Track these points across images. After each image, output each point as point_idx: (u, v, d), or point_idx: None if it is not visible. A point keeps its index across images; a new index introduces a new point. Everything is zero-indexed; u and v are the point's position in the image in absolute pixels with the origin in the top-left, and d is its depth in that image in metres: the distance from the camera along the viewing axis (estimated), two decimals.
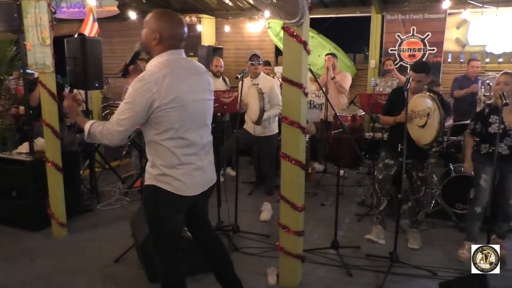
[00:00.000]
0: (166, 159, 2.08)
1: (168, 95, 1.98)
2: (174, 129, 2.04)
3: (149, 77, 1.97)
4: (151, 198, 2.16)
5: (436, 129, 3.20)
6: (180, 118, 2.04)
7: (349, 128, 5.22)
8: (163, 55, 2.09)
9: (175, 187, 2.10)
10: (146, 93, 1.95)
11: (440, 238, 3.98)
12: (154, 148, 2.10)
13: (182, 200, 2.14)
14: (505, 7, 6.36)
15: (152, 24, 2.09)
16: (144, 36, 2.13)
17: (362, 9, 7.27)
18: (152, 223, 2.20)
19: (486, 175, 3.44)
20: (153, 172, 2.12)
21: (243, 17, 8.07)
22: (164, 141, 2.06)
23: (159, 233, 2.20)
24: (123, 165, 6.46)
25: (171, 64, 2.06)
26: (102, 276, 3.26)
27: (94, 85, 4.72)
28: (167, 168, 2.08)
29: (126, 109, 1.98)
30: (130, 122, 1.99)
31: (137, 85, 1.96)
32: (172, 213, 2.17)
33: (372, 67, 7.18)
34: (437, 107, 3.20)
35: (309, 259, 3.40)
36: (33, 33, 3.74)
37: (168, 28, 2.09)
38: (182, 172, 2.11)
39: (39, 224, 4.08)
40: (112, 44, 8.98)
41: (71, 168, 4.30)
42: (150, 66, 2.07)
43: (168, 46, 2.09)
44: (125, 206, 4.82)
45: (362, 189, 5.47)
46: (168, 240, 2.21)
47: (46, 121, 3.82)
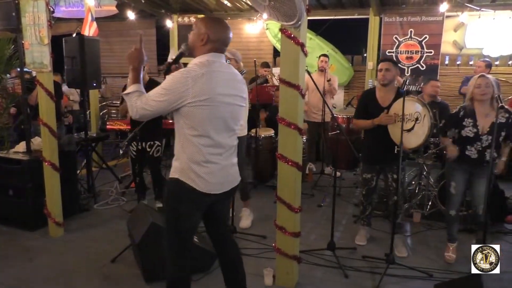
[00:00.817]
0: (192, 154, 2.15)
1: (202, 93, 2.07)
2: (203, 126, 2.12)
3: (188, 72, 2.07)
4: (173, 193, 2.22)
5: (425, 134, 3.21)
6: (210, 118, 2.12)
7: (346, 129, 5.23)
8: (205, 56, 2.19)
9: (197, 184, 2.16)
10: (182, 86, 2.04)
11: (436, 240, 4.00)
12: (183, 142, 2.17)
13: (203, 197, 2.20)
14: (502, 10, 6.39)
15: (202, 26, 2.20)
16: (192, 37, 2.24)
17: (360, 11, 7.30)
18: (170, 219, 2.25)
19: (455, 183, 3.49)
20: (178, 165, 2.19)
21: (242, 18, 8.08)
22: (193, 137, 2.13)
23: (175, 229, 2.25)
24: (120, 164, 6.46)
25: (211, 65, 2.15)
26: (99, 276, 3.26)
27: (92, 84, 4.73)
28: (192, 163, 2.15)
29: (161, 93, 2.06)
30: (158, 107, 2.07)
31: (177, 75, 2.07)
32: (191, 209, 2.23)
33: (370, 68, 7.19)
34: (427, 112, 3.19)
35: (305, 260, 3.41)
36: (31, 32, 3.74)
37: (216, 31, 2.20)
38: (206, 170, 2.16)
39: (36, 223, 4.07)
40: (111, 43, 8.98)
41: (68, 167, 4.30)
42: (191, 64, 2.16)
43: (212, 48, 2.20)
44: (122, 206, 4.82)
45: (359, 191, 5.49)
46: (182, 238, 2.27)
47: (44, 121, 3.82)
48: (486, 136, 3.29)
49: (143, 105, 2.08)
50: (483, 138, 3.31)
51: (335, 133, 4.28)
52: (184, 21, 7.91)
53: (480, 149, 3.32)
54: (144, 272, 3.17)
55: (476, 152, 3.34)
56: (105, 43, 8.01)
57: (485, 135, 3.30)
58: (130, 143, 4.34)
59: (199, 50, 2.21)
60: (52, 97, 3.82)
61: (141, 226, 3.13)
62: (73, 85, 4.91)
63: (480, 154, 3.33)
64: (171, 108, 2.09)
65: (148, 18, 8.57)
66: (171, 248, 2.27)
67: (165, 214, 2.30)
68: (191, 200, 2.19)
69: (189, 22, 7.89)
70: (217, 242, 2.54)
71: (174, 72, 2.10)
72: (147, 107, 2.07)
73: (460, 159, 3.41)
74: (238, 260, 2.56)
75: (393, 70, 3.55)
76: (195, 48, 2.23)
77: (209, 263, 3.33)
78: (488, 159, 3.25)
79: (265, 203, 4.87)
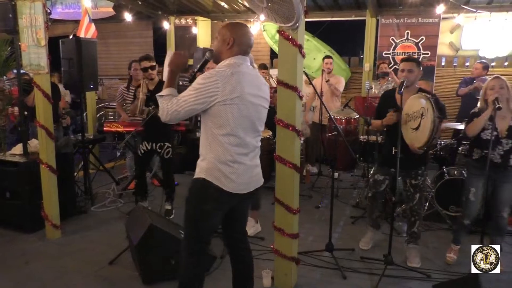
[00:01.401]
0: (220, 154, 2.18)
1: (231, 92, 2.12)
2: (232, 125, 2.16)
3: (218, 72, 2.13)
4: (198, 191, 2.24)
5: (429, 129, 3.07)
6: (238, 116, 2.17)
7: (344, 131, 5.24)
8: (232, 58, 2.25)
9: (223, 184, 2.19)
10: (212, 85, 2.09)
11: (434, 241, 4.01)
12: (210, 142, 2.20)
13: (229, 197, 2.23)
14: (498, 12, 6.43)
15: (227, 31, 2.27)
16: (217, 43, 2.31)
17: (357, 13, 7.32)
18: (192, 217, 2.28)
19: (475, 189, 3.39)
20: (204, 165, 2.22)
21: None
22: (222, 136, 2.17)
23: (195, 228, 2.28)
24: (117, 166, 6.45)
25: (239, 66, 2.22)
26: (96, 278, 3.25)
27: (89, 86, 4.71)
28: (219, 163, 2.18)
29: (192, 94, 2.10)
30: (189, 107, 2.11)
31: (206, 76, 2.12)
32: (215, 209, 2.26)
33: (367, 70, 7.23)
34: (430, 106, 3.09)
35: (303, 261, 3.41)
36: (28, 33, 3.73)
37: (240, 34, 2.27)
38: (232, 170, 2.20)
39: (33, 226, 4.06)
40: (108, 45, 8.96)
41: (65, 169, 4.28)
42: (220, 66, 2.23)
43: (238, 51, 2.26)
44: (119, 208, 4.80)
45: (356, 192, 5.50)
46: (200, 236, 2.29)
47: (41, 123, 3.80)
48: (506, 139, 3.21)
49: (174, 107, 2.11)
50: (503, 142, 3.21)
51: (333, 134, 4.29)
52: (181, 23, 7.90)
53: (502, 153, 3.21)
54: (142, 274, 3.16)
55: (499, 156, 3.23)
56: (102, 45, 7.98)
57: (504, 139, 3.21)
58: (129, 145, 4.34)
59: (225, 54, 2.27)
60: (49, 99, 3.81)
61: (140, 228, 3.12)
62: (70, 87, 4.89)
63: (504, 158, 3.23)
64: (201, 108, 2.13)
65: (145, 20, 8.57)
66: (189, 245, 2.30)
67: (187, 215, 2.30)
68: (216, 199, 2.22)
69: (186, 24, 7.89)
70: (233, 245, 2.55)
71: (203, 74, 2.15)
72: (179, 108, 2.11)
73: (482, 164, 3.24)
74: (251, 266, 2.58)
75: (416, 71, 3.36)
76: (221, 52, 2.29)
77: (208, 265, 3.32)
78: (511, 164, 3.21)
79: (263, 205, 4.85)
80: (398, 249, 3.72)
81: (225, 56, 2.27)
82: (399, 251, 3.70)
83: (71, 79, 4.57)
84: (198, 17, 7.85)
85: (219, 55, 2.30)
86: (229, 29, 2.28)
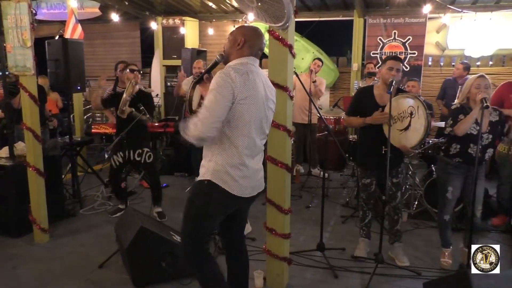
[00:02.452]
0: (230, 156, 2.15)
1: (247, 90, 2.10)
2: (245, 126, 2.14)
3: (232, 69, 2.11)
4: (203, 193, 2.20)
5: (423, 126, 3.06)
6: (251, 116, 2.14)
7: (333, 130, 5.26)
8: (243, 58, 2.22)
9: (230, 187, 2.16)
10: (229, 82, 2.05)
11: (423, 239, 4.05)
12: (220, 144, 2.15)
13: (233, 200, 2.21)
14: (483, 12, 6.53)
15: (238, 33, 2.26)
16: (228, 44, 2.28)
17: (344, 13, 7.37)
18: (193, 218, 2.24)
19: (452, 188, 3.38)
20: (211, 167, 2.17)
21: (227, 20, 8.07)
22: (234, 137, 2.14)
23: (195, 229, 2.24)
24: (105, 169, 6.36)
25: (250, 66, 2.21)
26: (86, 282, 3.20)
27: (76, 87, 4.65)
28: (228, 165, 2.15)
29: (213, 100, 2.04)
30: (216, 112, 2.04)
31: (219, 77, 2.07)
32: (218, 211, 2.24)
33: (355, 70, 7.27)
34: (420, 103, 3.10)
35: (295, 261, 3.41)
36: (13, 35, 3.67)
37: (252, 36, 2.25)
38: (240, 174, 2.17)
39: (20, 230, 3.99)
40: (94, 46, 8.87)
41: (53, 172, 4.22)
42: (232, 64, 2.19)
43: (249, 52, 2.24)
44: (108, 211, 4.75)
45: (346, 191, 5.53)
46: (200, 238, 2.26)
47: (27, 125, 3.74)
48: (486, 134, 3.25)
49: (201, 122, 2.03)
50: (483, 136, 3.25)
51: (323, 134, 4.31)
52: (168, 23, 7.85)
53: (480, 147, 3.21)
54: (133, 277, 3.12)
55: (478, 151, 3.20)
56: (88, 46, 7.88)
57: (485, 133, 3.25)
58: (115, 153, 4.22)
59: (235, 54, 2.24)
60: (36, 101, 3.75)
61: (130, 231, 3.09)
62: (57, 89, 4.82)
63: (481, 153, 3.25)
64: (227, 110, 2.07)
65: (132, 20, 8.49)
66: (187, 245, 2.27)
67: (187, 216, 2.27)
68: (221, 202, 2.20)
69: (174, 24, 7.84)
70: (231, 247, 2.54)
71: (215, 78, 2.09)
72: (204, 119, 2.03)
73: (463, 158, 3.29)
74: (248, 268, 2.57)
75: (401, 71, 3.37)
76: (231, 53, 2.26)
77: None
78: (487, 158, 3.27)
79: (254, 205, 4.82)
80: (388, 247, 3.75)
81: (234, 57, 2.25)
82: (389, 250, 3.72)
83: (58, 81, 4.51)
84: (186, 18, 7.81)
85: (229, 56, 2.27)
86: (241, 31, 2.28)
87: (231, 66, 2.18)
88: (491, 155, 3.38)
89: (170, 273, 3.09)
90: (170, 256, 3.10)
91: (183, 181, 5.99)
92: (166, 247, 3.10)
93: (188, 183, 5.78)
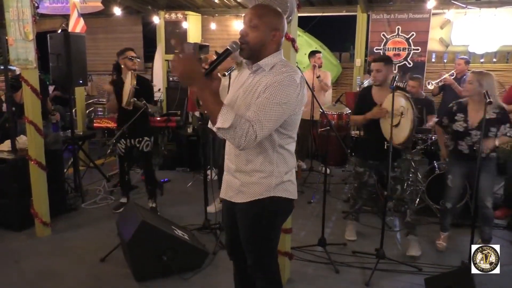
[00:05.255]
0: (286, 163, 1.97)
1: (305, 96, 1.91)
2: (294, 130, 1.97)
3: (296, 75, 1.83)
4: (267, 211, 1.96)
5: (409, 128, 3.21)
6: (299, 119, 1.97)
7: (335, 126, 5.24)
8: (279, 54, 1.94)
9: (291, 192, 2.02)
10: (297, 94, 1.82)
11: (425, 235, 4.03)
12: (274, 156, 1.91)
13: (293, 205, 2.09)
14: (488, 8, 6.47)
15: (274, 18, 1.89)
16: (261, 29, 1.85)
17: (348, 8, 7.32)
18: (266, 237, 2.03)
19: (451, 176, 3.62)
20: (273, 182, 1.92)
21: (229, 15, 8.03)
22: (288, 144, 1.95)
23: (270, 245, 2.07)
24: (107, 163, 6.38)
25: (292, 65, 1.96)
26: (88, 276, 3.21)
27: (78, 82, 4.65)
28: (285, 174, 1.97)
29: (278, 110, 1.75)
30: (275, 125, 1.79)
31: (285, 84, 1.78)
32: (281, 223, 2.11)
33: (358, 65, 7.23)
34: (410, 106, 3.22)
35: (296, 256, 3.40)
36: (15, 27, 3.65)
37: (284, 27, 1.94)
38: (294, 175, 2.06)
39: (22, 224, 3.99)
40: (96, 40, 8.84)
41: (55, 166, 4.22)
42: (286, 66, 1.87)
43: (279, 46, 1.94)
44: (110, 205, 4.75)
45: (348, 187, 5.52)
46: (275, 254, 2.13)
47: (29, 119, 3.74)
48: (475, 131, 3.34)
49: (260, 133, 1.72)
50: (472, 133, 3.36)
51: (325, 130, 4.30)
52: (171, 18, 7.82)
53: (471, 143, 3.38)
54: (134, 271, 3.13)
55: (467, 147, 3.41)
56: (90, 40, 7.86)
57: (474, 130, 3.35)
58: (118, 141, 4.28)
59: (269, 47, 1.89)
60: (38, 95, 3.74)
61: (131, 225, 3.09)
62: (59, 83, 4.81)
63: (471, 149, 3.39)
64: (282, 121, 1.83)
65: (135, 15, 8.46)
66: (270, 268, 2.11)
67: (258, 238, 2.03)
68: (286, 211, 2.10)
69: (176, 19, 7.81)
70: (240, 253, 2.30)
71: (283, 81, 1.78)
72: (264, 132, 1.74)
73: (455, 154, 3.52)
74: None
75: (384, 70, 3.51)
76: (264, 44, 1.87)
77: (201, 261, 3.31)
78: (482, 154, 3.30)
79: None
80: (390, 243, 3.76)
81: (268, 51, 1.89)
82: (391, 245, 3.73)
83: (60, 75, 4.50)
84: (188, 12, 7.78)
85: (260, 47, 1.87)
86: (276, 18, 1.88)
87: (287, 68, 1.84)
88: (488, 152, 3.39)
89: (171, 268, 3.09)
90: (171, 251, 3.10)
91: (185, 176, 6.00)
92: (167, 241, 3.10)
93: (190, 177, 5.79)
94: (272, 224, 2.02)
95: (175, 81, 7.87)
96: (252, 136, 1.69)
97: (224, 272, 3.20)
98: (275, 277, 2.15)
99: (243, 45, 1.86)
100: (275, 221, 2.03)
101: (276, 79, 1.79)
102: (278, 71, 1.85)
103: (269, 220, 2.00)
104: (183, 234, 3.31)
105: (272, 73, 1.86)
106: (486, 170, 3.40)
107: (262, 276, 2.11)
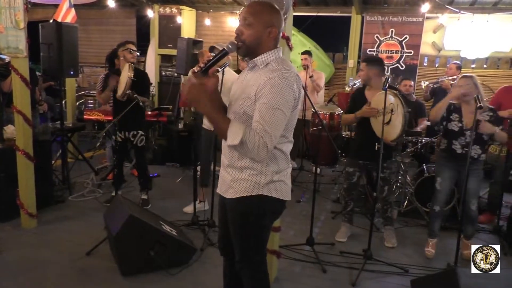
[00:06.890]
0: (277, 163, 1.95)
1: (300, 94, 1.91)
2: (291, 130, 1.96)
3: (289, 74, 1.82)
4: (255, 208, 1.97)
5: (401, 123, 3.28)
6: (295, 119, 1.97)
7: (327, 126, 5.26)
8: (278, 52, 1.92)
9: (282, 192, 2.00)
10: (292, 93, 1.82)
11: (412, 237, 4.07)
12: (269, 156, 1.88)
13: (283, 206, 2.07)
14: (481, 14, 6.54)
15: (269, 15, 1.87)
16: (255, 27, 1.85)
17: (342, 9, 7.34)
18: (253, 234, 2.03)
19: (440, 179, 3.62)
20: (262, 180, 1.92)
21: (224, 11, 8.00)
22: (281, 144, 1.93)
23: (256, 243, 2.06)
24: (96, 156, 6.31)
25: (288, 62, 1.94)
26: (73, 269, 3.17)
27: (69, 72, 4.58)
28: (277, 173, 1.96)
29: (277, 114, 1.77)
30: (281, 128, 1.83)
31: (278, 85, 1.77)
32: (271, 221, 2.09)
33: (351, 66, 7.26)
34: (399, 102, 3.29)
35: (284, 255, 3.40)
36: (6, 15, 3.59)
37: (280, 23, 1.91)
38: (288, 176, 2.04)
39: (7, 214, 3.93)
40: (89, 32, 8.74)
41: (42, 157, 4.16)
42: (281, 64, 1.86)
43: (276, 43, 1.92)
44: (98, 198, 4.71)
45: (337, 187, 5.54)
46: (261, 250, 2.10)
47: (18, 108, 3.68)
48: (470, 131, 3.34)
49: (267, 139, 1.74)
50: (467, 133, 3.39)
51: (317, 129, 4.31)
52: (165, 12, 7.76)
53: (464, 143, 3.41)
54: (120, 266, 3.10)
55: (461, 147, 3.44)
56: (83, 32, 7.76)
57: (468, 130, 3.36)
58: (109, 134, 4.25)
59: (265, 45, 1.88)
60: (28, 84, 3.68)
61: (119, 219, 3.06)
62: (49, 73, 4.75)
63: (462, 148, 3.43)
64: None
65: (129, 7, 8.39)
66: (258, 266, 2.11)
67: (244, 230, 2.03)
68: (275, 212, 2.07)
69: (171, 13, 7.75)
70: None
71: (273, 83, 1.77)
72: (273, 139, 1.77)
73: (448, 154, 3.52)
74: None
75: (365, 70, 3.64)
76: (260, 42, 1.87)
77: (188, 256, 3.29)
78: (473, 155, 3.35)
79: None
80: (377, 244, 3.78)
81: (264, 48, 1.88)
82: (378, 246, 3.75)
83: (51, 65, 4.44)
84: (183, 7, 7.73)
85: (257, 45, 1.87)
86: (272, 14, 1.87)
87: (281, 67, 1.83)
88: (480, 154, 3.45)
89: (159, 263, 3.07)
90: (159, 245, 3.08)
91: (175, 171, 5.97)
92: (155, 236, 3.08)
93: (180, 173, 5.76)
94: (260, 222, 2.02)
95: (168, 76, 7.83)
96: (263, 148, 1.75)
97: (211, 268, 3.19)
98: (262, 275, 2.15)
99: (239, 43, 1.87)
100: (263, 219, 2.02)
101: (269, 77, 1.79)
102: (271, 69, 1.85)
103: (257, 218, 2.00)
104: (171, 230, 3.29)
105: (266, 70, 1.86)
106: (475, 174, 3.45)
107: (249, 273, 2.11)
